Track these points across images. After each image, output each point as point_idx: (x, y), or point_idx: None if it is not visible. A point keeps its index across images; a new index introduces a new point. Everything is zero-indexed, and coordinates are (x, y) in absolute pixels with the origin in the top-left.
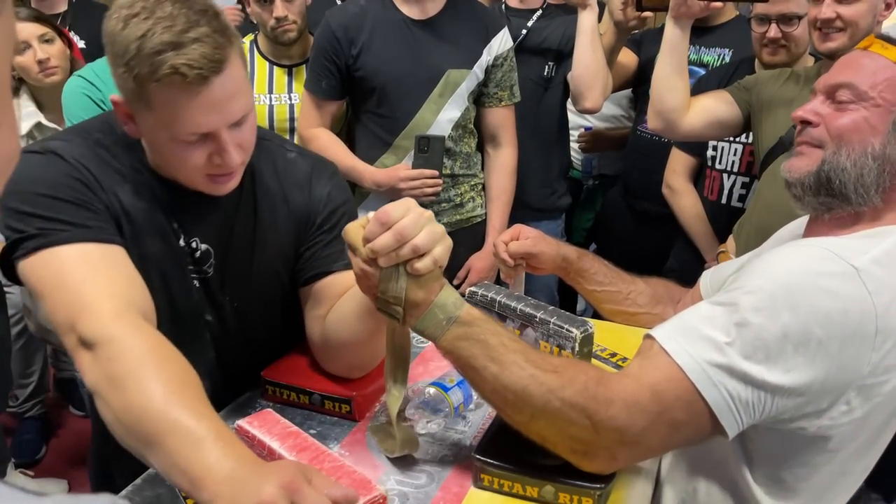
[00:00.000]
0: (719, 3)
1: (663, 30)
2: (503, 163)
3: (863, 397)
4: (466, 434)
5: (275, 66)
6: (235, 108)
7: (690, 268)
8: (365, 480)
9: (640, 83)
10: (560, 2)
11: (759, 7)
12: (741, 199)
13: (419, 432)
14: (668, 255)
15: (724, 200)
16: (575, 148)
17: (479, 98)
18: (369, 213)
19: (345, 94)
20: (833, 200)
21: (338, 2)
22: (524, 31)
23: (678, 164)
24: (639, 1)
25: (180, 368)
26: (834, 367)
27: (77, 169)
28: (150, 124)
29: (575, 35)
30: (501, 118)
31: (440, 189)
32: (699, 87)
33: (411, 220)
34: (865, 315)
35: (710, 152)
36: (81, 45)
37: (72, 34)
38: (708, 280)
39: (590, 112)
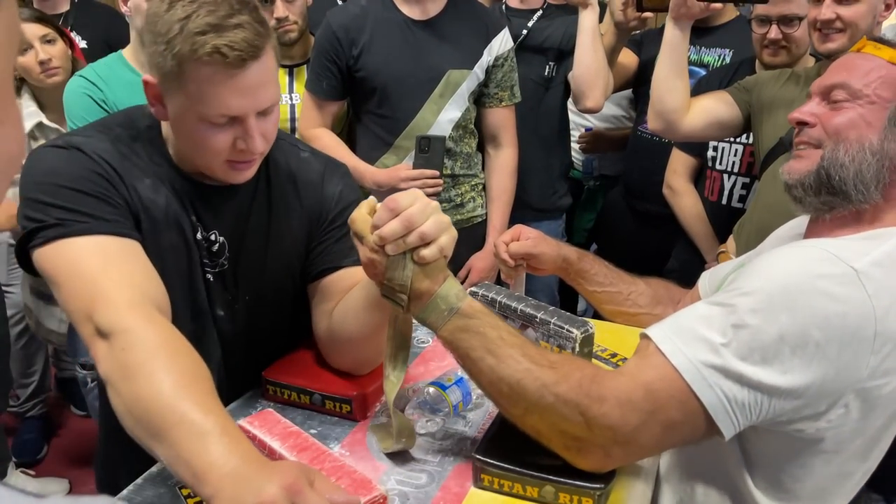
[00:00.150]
0: (719, 5)
1: (664, 30)
2: (504, 163)
3: (861, 400)
4: (467, 434)
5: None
6: (265, 96)
7: (691, 268)
8: (365, 480)
9: (640, 83)
10: (561, 2)
11: (760, 8)
12: (741, 199)
13: (419, 432)
14: (668, 255)
15: (724, 201)
16: (576, 148)
17: (479, 98)
18: (371, 198)
19: (345, 95)
20: (834, 199)
21: (339, 2)
22: (525, 31)
23: (679, 165)
24: (639, 1)
25: (192, 362)
26: (832, 370)
27: (98, 164)
28: (180, 105)
29: (575, 35)
30: (502, 118)
31: (441, 189)
32: (700, 87)
33: (419, 208)
34: (864, 318)
35: (710, 153)
36: (83, 45)
37: (73, 34)
38: (707, 280)
39: (591, 112)
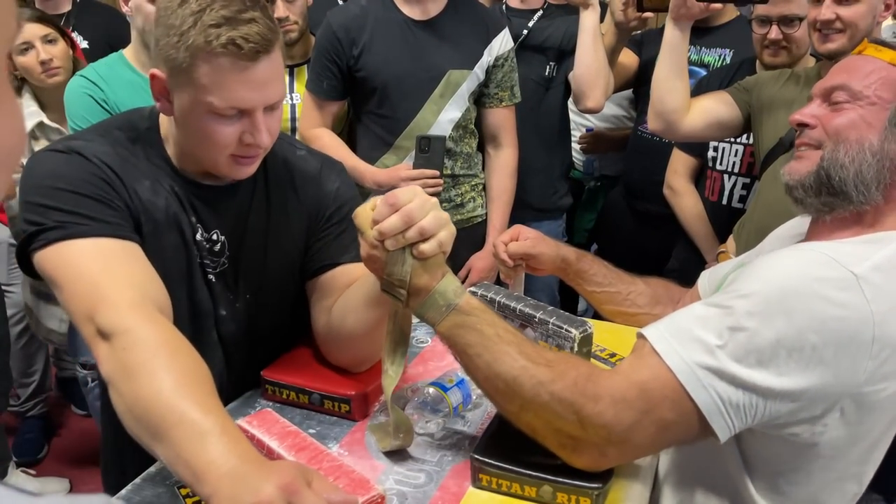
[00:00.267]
0: (719, 5)
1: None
2: (504, 163)
3: (857, 405)
4: (465, 434)
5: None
6: (274, 91)
7: (691, 268)
8: (363, 480)
9: (641, 84)
10: (561, 2)
11: (760, 9)
12: (742, 199)
13: (418, 432)
14: (669, 255)
15: (724, 201)
16: (576, 149)
17: (479, 98)
18: (377, 198)
19: (346, 95)
20: (834, 200)
21: (339, 2)
22: (525, 31)
23: (679, 165)
24: (640, 1)
25: (192, 362)
26: (828, 375)
27: (99, 167)
28: (189, 98)
29: (576, 35)
30: (502, 118)
31: (441, 189)
32: (700, 87)
33: (418, 203)
34: (862, 323)
35: (710, 153)
36: (84, 45)
37: (75, 34)
38: (706, 280)
39: (591, 112)
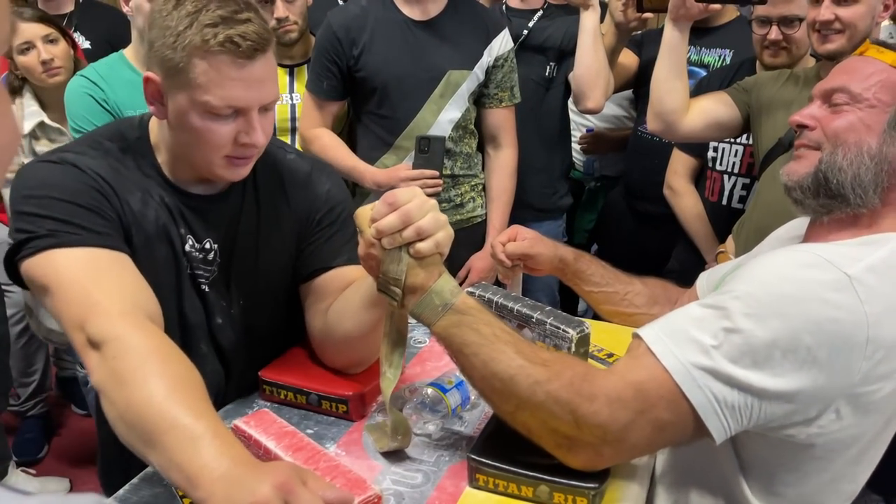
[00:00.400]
0: (718, 6)
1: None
2: (503, 163)
3: (852, 406)
4: (462, 434)
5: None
6: (270, 90)
7: (691, 268)
8: (360, 480)
9: (641, 84)
10: (562, 2)
11: (760, 9)
12: (741, 200)
13: (416, 433)
14: (669, 255)
15: (724, 201)
16: (577, 149)
17: (479, 99)
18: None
19: (346, 95)
20: (832, 202)
21: (339, 2)
22: (525, 32)
23: (679, 165)
24: (639, 2)
25: (183, 368)
26: (823, 376)
27: (92, 178)
28: (184, 100)
29: (576, 35)
30: (502, 119)
31: (441, 189)
32: (700, 88)
33: (417, 204)
34: (856, 324)
35: (710, 153)
36: (87, 45)
37: (77, 35)
38: (705, 280)
39: (591, 112)
